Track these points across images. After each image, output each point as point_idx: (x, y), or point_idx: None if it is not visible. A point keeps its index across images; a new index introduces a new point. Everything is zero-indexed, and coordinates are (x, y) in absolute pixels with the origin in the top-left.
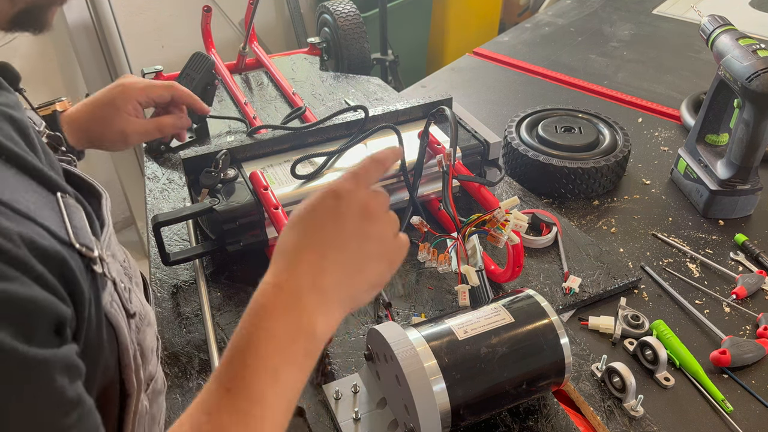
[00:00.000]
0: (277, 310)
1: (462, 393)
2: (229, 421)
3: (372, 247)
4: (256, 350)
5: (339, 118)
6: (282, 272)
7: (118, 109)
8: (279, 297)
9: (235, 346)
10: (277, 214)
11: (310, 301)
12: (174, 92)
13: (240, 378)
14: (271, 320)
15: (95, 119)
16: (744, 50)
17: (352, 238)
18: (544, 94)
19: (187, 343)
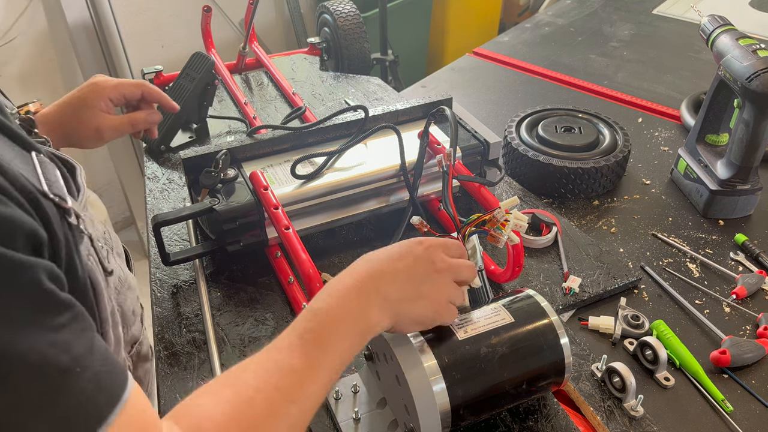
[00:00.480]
0: (356, 296)
1: (462, 393)
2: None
3: (430, 291)
4: (335, 316)
5: (339, 118)
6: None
7: (90, 107)
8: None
9: (314, 309)
10: (277, 214)
11: (378, 301)
12: (144, 89)
13: (315, 332)
14: (350, 300)
15: (69, 117)
16: (744, 50)
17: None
18: (544, 94)
19: (187, 343)
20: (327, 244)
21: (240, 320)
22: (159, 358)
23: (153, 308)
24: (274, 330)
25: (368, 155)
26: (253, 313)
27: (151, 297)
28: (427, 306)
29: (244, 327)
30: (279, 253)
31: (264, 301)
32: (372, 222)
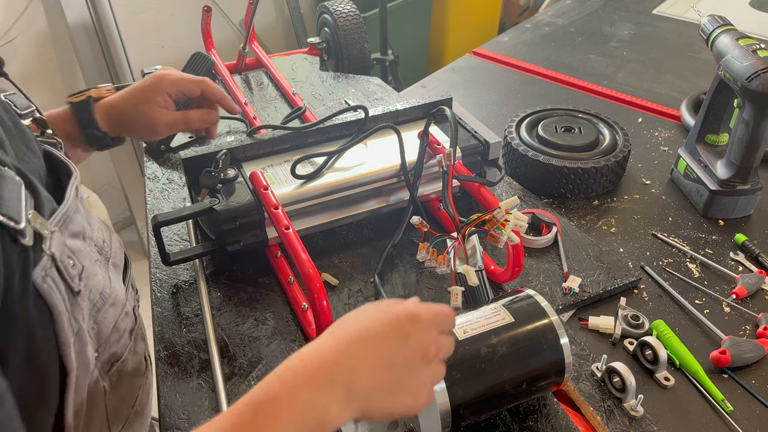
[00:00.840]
0: (311, 383)
1: (462, 393)
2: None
3: (413, 382)
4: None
5: (339, 118)
6: (332, 351)
7: (148, 100)
8: (319, 371)
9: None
10: (277, 214)
11: (340, 392)
12: (204, 87)
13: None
14: (301, 389)
15: (127, 108)
16: (744, 50)
17: (404, 367)
18: (544, 94)
19: (187, 343)
20: (327, 244)
21: (240, 320)
22: (159, 359)
23: (153, 308)
24: (274, 330)
25: (368, 155)
26: (253, 313)
27: (151, 297)
28: (407, 399)
29: (244, 327)
30: (279, 253)
31: (264, 301)
32: (372, 222)
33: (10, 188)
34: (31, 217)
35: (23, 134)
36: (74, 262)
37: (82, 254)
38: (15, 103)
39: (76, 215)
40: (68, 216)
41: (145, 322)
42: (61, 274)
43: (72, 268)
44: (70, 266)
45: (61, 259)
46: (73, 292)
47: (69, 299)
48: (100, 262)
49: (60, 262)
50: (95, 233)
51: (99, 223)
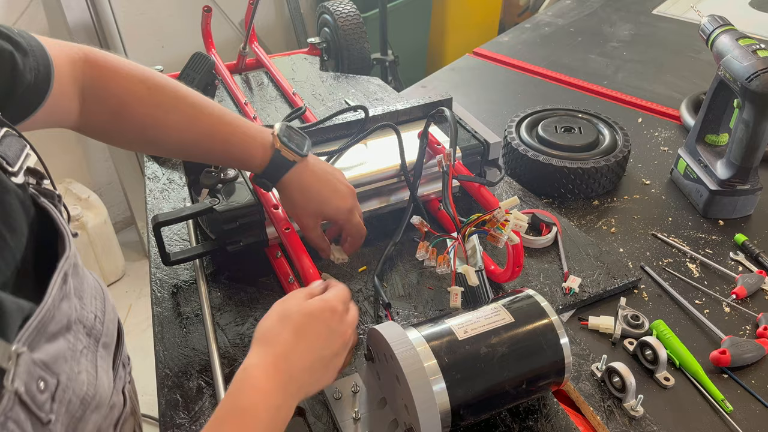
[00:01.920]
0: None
1: (462, 393)
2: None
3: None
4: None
5: (339, 118)
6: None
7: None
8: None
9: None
10: (277, 213)
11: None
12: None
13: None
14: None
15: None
16: (744, 50)
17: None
18: (544, 94)
19: (187, 343)
20: None
21: (240, 320)
22: (159, 359)
23: (153, 308)
24: None
25: (368, 155)
26: (254, 313)
27: (151, 297)
28: (330, 377)
29: (244, 327)
30: (279, 253)
31: (264, 301)
32: (372, 222)
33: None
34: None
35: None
36: (46, 382)
37: (61, 360)
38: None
39: (61, 305)
40: (46, 318)
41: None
42: (28, 409)
43: (42, 393)
44: (40, 392)
45: (28, 389)
46: (42, 422)
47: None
48: (87, 349)
49: (26, 394)
50: (86, 310)
51: (93, 289)
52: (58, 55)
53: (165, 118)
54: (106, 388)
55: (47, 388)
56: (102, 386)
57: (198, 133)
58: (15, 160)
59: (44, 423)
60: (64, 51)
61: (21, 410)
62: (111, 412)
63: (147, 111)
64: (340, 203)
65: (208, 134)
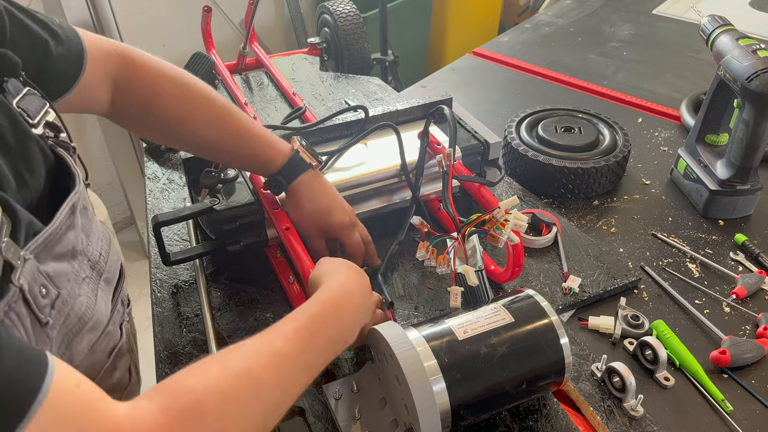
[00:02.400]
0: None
1: (462, 393)
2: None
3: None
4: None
5: (339, 118)
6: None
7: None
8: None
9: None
10: (277, 213)
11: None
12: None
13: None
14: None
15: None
16: (744, 50)
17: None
18: (544, 94)
19: (187, 343)
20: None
21: (240, 320)
22: (159, 359)
23: (153, 308)
24: None
25: (368, 155)
26: (254, 312)
27: (151, 297)
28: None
29: (245, 327)
30: (279, 253)
31: (264, 300)
32: (372, 222)
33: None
34: (4, 246)
35: (25, 151)
36: (48, 290)
37: (63, 278)
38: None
39: (68, 233)
40: (53, 238)
41: (145, 322)
42: (29, 306)
43: (44, 298)
44: (41, 296)
45: (31, 289)
46: (40, 323)
47: (34, 332)
48: (89, 279)
49: (29, 293)
50: (92, 246)
51: (100, 232)
52: (94, 48)
53: (192, 115)
54: (104, 314)
55: (48, 296)
56: (100, 312)
57: (224, 132)
58: (35, 114)
59: (42, 324)
60: (103, 45)
61: (23, 306)
62: (106, 339)
63: (175, 107)
64: (344, 217)
65: (233, 135)
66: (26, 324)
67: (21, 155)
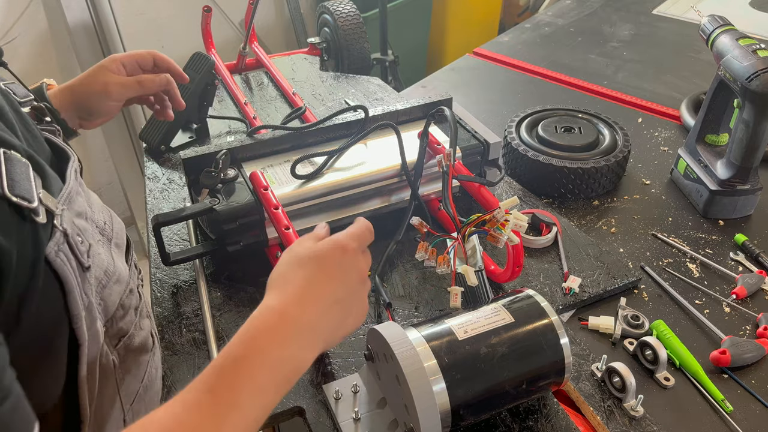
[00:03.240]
0: (277, 335)
1: (462, 393)
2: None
3: (356, 304)
4: (250, 365)
5: (339, 118)
6: (288, 303)
7: (101, 67)
8: (281, 324)
9: (228, 355)
10: (277, 214)
11: (306, 337)
12: (155, 56)
13: (227, 384)
14: (269, 343)
15: (79, 82)
16: (744, 50)
17: (349, 296)
18: (544, 94)
19: (187, 343)
20: None
21: (240, 320)
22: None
23: (153, 308)
24: None
25: (368, 155)
26: None
27: (151, 297)
28: (355, 320)
29: None
30: (279, 253)
31: None
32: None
33: (19, 170)
34: (42, 195)
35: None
36: (82, 239)
37: (87, 233)
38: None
39: (78, 197)
40: (71, 196)
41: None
42: (72, 250)
43: (81, 245)
44: (79, 242)
45: (71, 234)
46: (83, 267)
47: (79, 274)
48: (102, 242)
49: (71, 237)
50: (96, 215)
51: (99, 205)
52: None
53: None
54: (124, 272)
55: (83, 243)
56: (120, 268)
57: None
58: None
59: (85, 267)
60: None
61: (68, 249)
62: (131, 296)
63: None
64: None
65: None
66: (73, 265)
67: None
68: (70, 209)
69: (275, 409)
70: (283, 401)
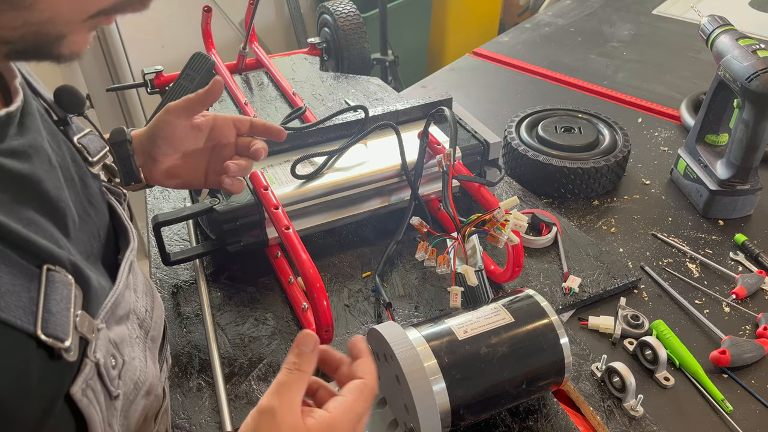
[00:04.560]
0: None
1: (462, 393)
2: None
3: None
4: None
5: (339, 118)
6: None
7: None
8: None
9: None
10: (277, 214)
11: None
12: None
13: None
14: None
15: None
16: (744, 50)
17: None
18: (544, 94)
19: (187, 343)
20: (327, 244)
21: (240, 320)
22: None
23: None
24: (274, 330)
25: (368, 155)
26: (254, 313)
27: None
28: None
29: (245, 327)
30: (279, 253)
31: (264, 301)
32: (372, 222)
33: (59, 296)
34: (79, 320)
35: (87, 189)
36: (116, 360)
37: (125, 342)
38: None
39: (126, 293)
40: (118, 301)
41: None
42: (102, 381)
43: (113, 369)
44: (112, 367)
45: (105, 363)
46: (111, 396)
47: (106, 406)
48: (139, 339)
49: (104, 367)
50: (140, 303)
51: (144, 286)
52: None
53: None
54: (154, 376)
55: (116, 366)
56: (150, 374)
57: None
58: (95, 153)
59: (113, 397)
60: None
61: (98, 381)
62: (156, 402)
63: None
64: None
65: None
66: (100, 400)
67: (84, 192)
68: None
69: None
70: None
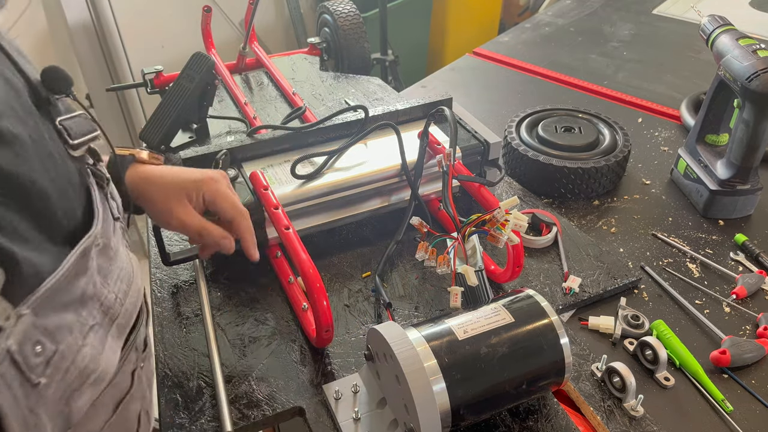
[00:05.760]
0: None
1: (462, 393)
2: None
3: None
4: None
5: (339, 118)
6: None
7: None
8: None
9: None
10: (277, 214)
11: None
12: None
13: None
14: None
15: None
16: (744, 50)
17: None
18: (544, 94)
19: (187, 343)
20: (327, 244)
21: (240, 320)
22: (159, 359)
23: (153, 308)
24: (274, 330)
25: (368, 155)
26: (253, 313)
27: (151, 297)
28: None
29: (244, 327)
30: (279, 253)
31: (264, 301)
32: (372, 222)
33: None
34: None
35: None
36: (44, 347)
37: (65, 330)
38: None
39: (79, 279)
40: (59, 287)
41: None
42: (18, 368)
43: (36, 356)
44: (35, 355)
45: (21, 349)
46: (31, 384)
47: (24, 393)
48: (99, 326)
49: (19, 354)
50: (108, 288)
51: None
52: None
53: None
54: (110, 365)
55: (43, 353)
56: (106, 362)
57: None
58: (77, 136)
59: (33, 384)
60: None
61: (11, 367)
62: (112, 391)
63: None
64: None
65: None
66: (14, 386)
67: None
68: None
69: (275, 409)
70: (283, 401)
